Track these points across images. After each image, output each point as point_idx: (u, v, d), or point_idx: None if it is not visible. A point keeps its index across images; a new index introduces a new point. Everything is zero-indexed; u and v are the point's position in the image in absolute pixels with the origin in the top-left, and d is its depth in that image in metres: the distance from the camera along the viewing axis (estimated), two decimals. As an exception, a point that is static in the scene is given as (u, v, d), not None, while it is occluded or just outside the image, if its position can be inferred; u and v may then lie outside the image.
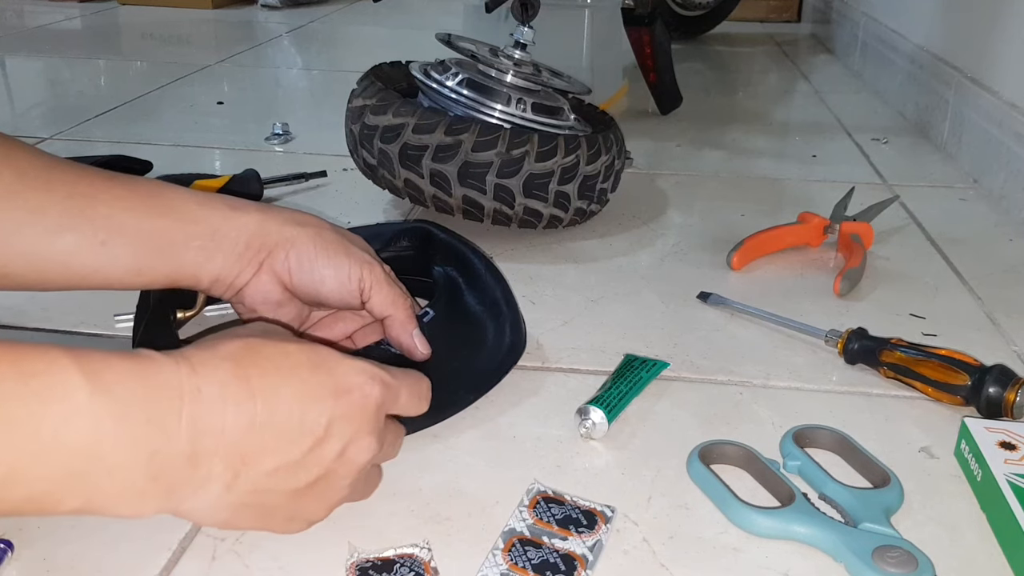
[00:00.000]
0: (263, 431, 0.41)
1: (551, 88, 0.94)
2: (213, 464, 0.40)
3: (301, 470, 0.43)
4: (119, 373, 0.37)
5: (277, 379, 0.42)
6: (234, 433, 0.40)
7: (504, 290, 0.69)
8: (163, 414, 0.38)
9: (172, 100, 1.43)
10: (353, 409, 0.44)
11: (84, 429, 0.36)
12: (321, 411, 0.42)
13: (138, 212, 0.52)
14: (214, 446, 0.39)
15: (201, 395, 0.39)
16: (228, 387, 0.40)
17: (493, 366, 0.63)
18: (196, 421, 0.39)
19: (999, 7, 1.13)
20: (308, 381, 0.43)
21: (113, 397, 0.37)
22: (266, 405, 0.41)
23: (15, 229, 0.49)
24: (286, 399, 0.42)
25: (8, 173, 0.49)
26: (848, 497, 0.51)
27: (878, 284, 0.82)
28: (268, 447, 0.41)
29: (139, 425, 0.37)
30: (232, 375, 0.41)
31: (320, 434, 0.42)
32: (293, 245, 0.56)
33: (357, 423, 0.44)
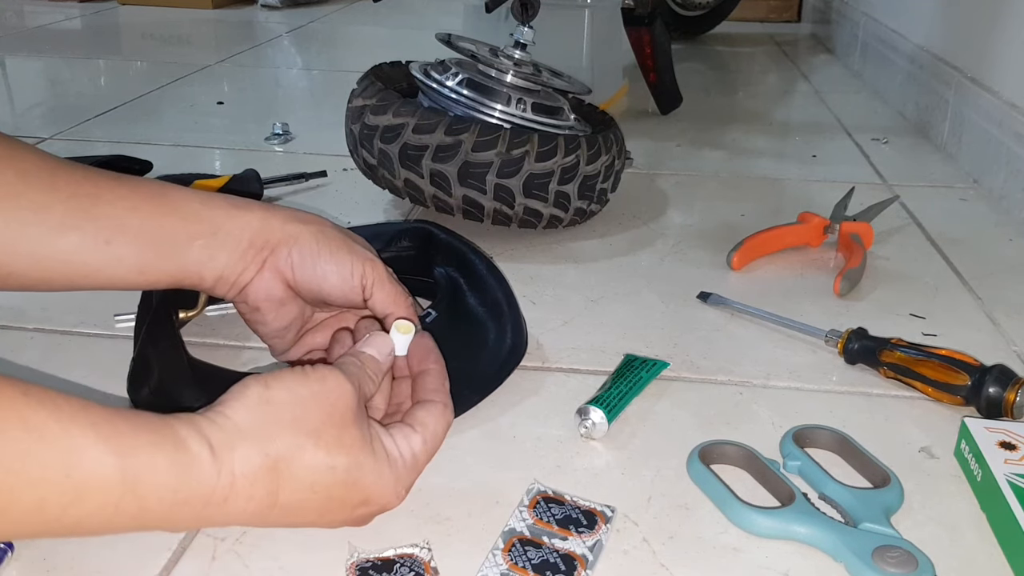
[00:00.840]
0: (288, 506, 0.43)
1: (551, 88, 0.94)
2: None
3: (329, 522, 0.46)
4: (156, 473, 0.39)
5: (303, 497, 0.43)
6: (263, 499, 0.42)
7: (505, 291, 0.69)
8: (188, 515, 0.40)
9: (172, 100, 1.43)
10: (371, 513, 0.47)
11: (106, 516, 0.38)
12: (337, 520, 0.46)
13: (141, 212, 0.53)
14: (240, 513, 0.42)
15: (227, 505, 0.41)
16: (253, 501, 0.42)
17: (495, 368, 0.63)
18: (211, 520, 0.41)
19: (999, 7, 1.13)
20: (333, 499, 0.44)
21: (145, 505, 0.39)
22: (284, 514, 0.43)
23: (19, 229, 0.49)
24: (307, 513, 0.44)
25: (11, 173, 0.49)
26: (848, 497, 0.51)
27: (878, 284, 0.82)
28: (291, 512, 0.44)
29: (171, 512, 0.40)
30: (265, 490, 0.42)
31: (341, 512, 0.45)
32: (296, 242, 0.57)
33: (383, 498, 0.46)
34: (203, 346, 0.69)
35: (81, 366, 0.65)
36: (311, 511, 0.44)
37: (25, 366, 0.65)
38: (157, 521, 0.40)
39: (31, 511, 0.36)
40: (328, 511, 0.45)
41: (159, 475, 0.39)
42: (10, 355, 0.66)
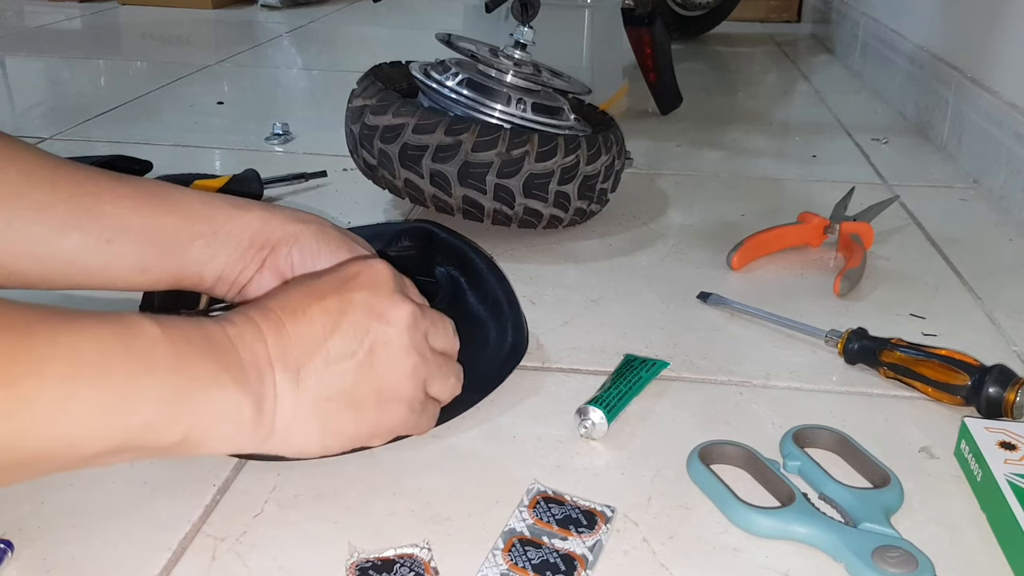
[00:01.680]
0: (295, 328, 0.44)
1: (551, 88, 0.94)
2: (274, 371, 0.43)
3: (349, 343, 0.45)
4: (174, 320, 0.42)
5: (284, 295, 0.46)
6: (273, 340, 0.44)
7: (506, 290, 0.69)
8: (218, 339, 0.42)
9: (172, 100, 1.43)
10: (365, 281, 0.47)
11: (168, 351, 0.39)
12: (337, 294, 0.46)
13: (143, 211, 0.53)
14: (266, 356, 0.43)
15: (233, 322, 0.44)
16: (248, 311, 0.45)
17: (495, 366, 0.63)
18: (241, 340, 0.43)
19: (999, 7, 1.13)
20: (313, 285, 0.47)
21: (179, 329, 0.41)
22: (285, 310, 0.45)
23: (22, 228, 0.49)
24: (300, 299, 0.46)
25: (14, 172, 0.49)
26: (848, 497, 0.51)
27: (878, 284, 0.82)
28: (307, 338, 0.44)
29: (206, 347, 0.41)
30: (246, 306, 0.46)
31: (348, 309, 0.46)
32: (296, 241, 0.57)
33: (376, 289, 0.47)
34: (203, 346, 0.68)
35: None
36: (301, 296, 0.46)
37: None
38: (208, 344, 0.42)
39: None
40: (315, 291, 0.46)
41: (173, 319, 0.41)
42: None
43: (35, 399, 0.35)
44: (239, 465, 0.54)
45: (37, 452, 0.36)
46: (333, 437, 0.47)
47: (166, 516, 0.50)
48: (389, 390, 0.47)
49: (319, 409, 0.44)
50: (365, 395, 0.46)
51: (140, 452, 0.40)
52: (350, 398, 0.45)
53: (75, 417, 0.36)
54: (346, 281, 0.47)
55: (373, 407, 0.47)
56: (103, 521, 0.49)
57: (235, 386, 0.41)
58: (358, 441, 0.48)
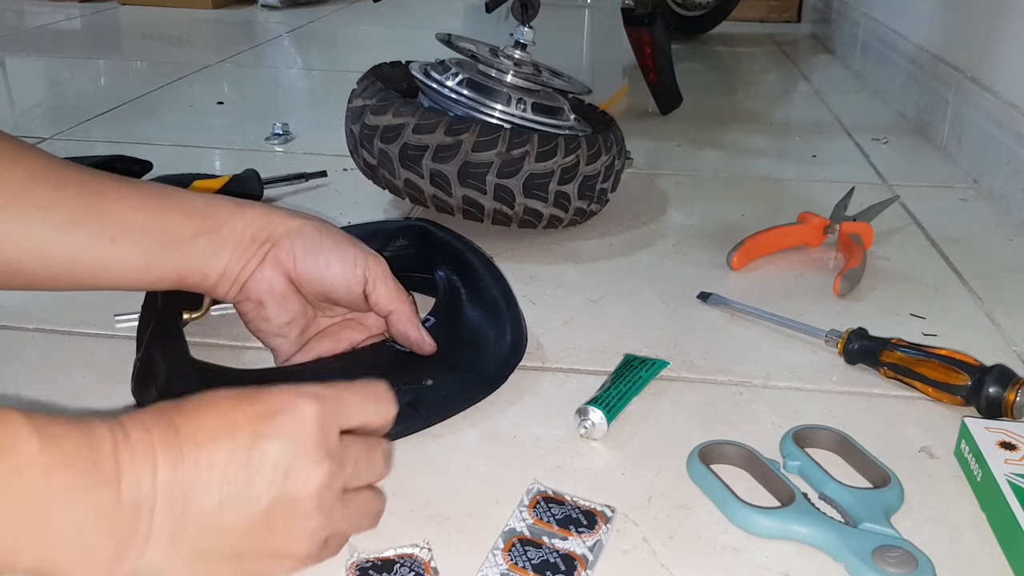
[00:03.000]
0: (195, 467, 0.38)
1: (551, 88, 0.94)
2: (153, 514, 0.37)
3: (247, 502, 0.39)
4: (64, 427, 0.36)
5: (198, 415, 0.40)
6: (165, 475, 0.38)
7: (503, 289, 0.69)
8: (103, 463, 0.37)
9: (172, 100, 1.43)
10: (284, 430, 0.40)
11: (36, 479, 0.35)
12: (249, 437, 0.40)
13: (147, 209, 0.53)
14: (150, 493, 0.37)
15: (130, 440, 0.38)
16: (153, 430, 0.38)
17: (496, 365, 0.63)
18: (129, 468, 0.37)
19: (999, 7, 1.13)
20: (231, 411, 0.40)
21: (61, 449, 0.36)
22: (191, 439, 0.39)
23: (27, 226, 0.50)
24: (209, 430, 0.39)
25: (20, 172, 0.50)
26: (848, 497, 0.51)
27: (878, 284, 0.82)
28: (203, 483, 0.38)
29: (85, 475, 0.36)
30: (155, 419, 0.39)
31: (256, 460, 0.39)
32: (299, 234, 0.57)
33: (294, 442, 0.40)
34: (204, 346, 0.69)
35: (81, 366, 0.65)
36: (213, 429, 0.39)
37: (25, 366, 0.65)
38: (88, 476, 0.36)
39: None
40: (229, 425, 0.40)
41: (62, 426, 0.36)
42: (10, 355, 0.66)
43: None
44: (239, 465, 0.54)
45: None
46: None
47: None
48: (280, 550, 0.41)
49: (193, 562, 0.39)
50: (250, 553, 0.41)
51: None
52: (231, 553, 0.40)
53: None
54: (265, 420, 0.40)
55: (257, 562, 0.41)
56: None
57: (97, 531, 0.36)
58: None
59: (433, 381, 0.60)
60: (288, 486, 0.40)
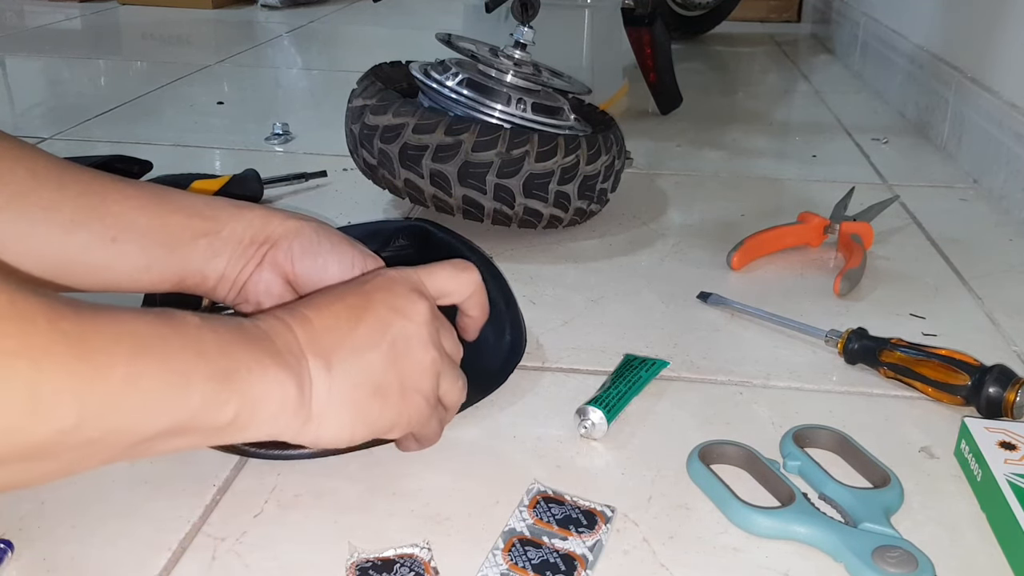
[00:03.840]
0: (323, 321, 0.46)
1: (551, 88, 0.94)
2: (306, 358, 0.44)
3: (373, 333, 0.47)
4: (208, 315, 0.43)
5: (306, 298, 0.49)
6: (303, 334, 0.45)
7: (502, 289, 0.69)
8: (253, 331, 0.43)
9: (172, 100, 1.43)
10: (382, 283, 0.50)
11: (213, 339, 0.41)
12: (357, 294, 0.48)
13: (148, 210, 0.53)
14: (296, 344, 0.44)
15: (262, 317, 0.45)
16: (275, 312, 0.46)
17: (496, 366, 0.63)
18: (273, 331, 0.44)
19: (999, 7, 1.13)
20: (335, 288, 0.50)
21: (217, 322, 0.42)
22: (311, 308, 0.47)
23: (29, 226, 0.50)
24: (323, 300, 0.48)
25: (22, 171, 0.50)
26: (848, 497, 0.51)
27: (878, 284, 0.82)
28: (334, 329, 0.46)
29: (244, 334, 0.43)
30: (271, 310, 0.47)
31: (370, 302, 0.48)
32: (297, 235, 0.57)
33: (393, 288, 0.49)
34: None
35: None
36: (325, 296, 0.48)
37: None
38: (245, 331, 0.43)
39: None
40: (335, 290, 0.49)
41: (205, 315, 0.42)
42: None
43: (109, 373, 0.36)
44: (239, 465, 0.54)
45: (110, 427, 0.37)
46: (362, 425, 0.47)
47: (166, 516, 0.50)
48: (410, 380, 0.48)
49: (349, 396, 0.46)
50: (389, 384, 0.47)
51: (195, 433, 0.40)
52: (376, 386, 0.47)
53: (144, 393, 0.37)
54: (364, 283, 0.50)
55: (396, 396, 0.48)
56: (103, 521, 0.49)
57: (276, 368, 0.42)
58: (381, 431, 0.49)
59: None
60: (400, 320, 0.48)
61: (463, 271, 0.55)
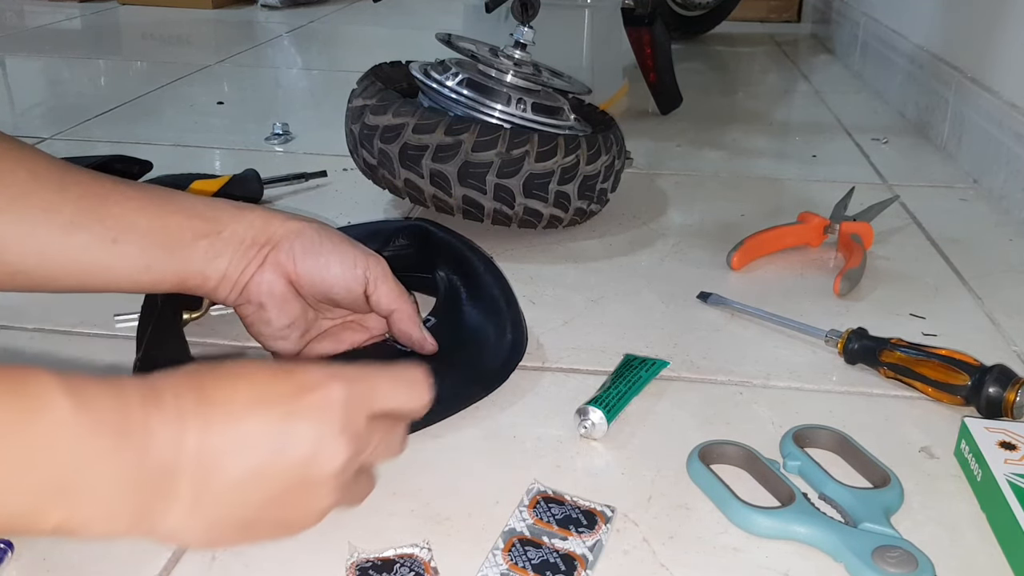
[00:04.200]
0: (223, 437, 0.39)
1: (551, 88, 0.94)
2: (179, 480, 0.38)
3: (270, 479, 0.40)
4: (97, 388, 0.37)
5: (232, 384, 0.40)
6: (194, 443, 0.38)
7: (503, 288, 0.69)
8: (133, 426, 0.37)
9: (172, 100, 1.43)
10: (314, 410, 0.40)
11: (67, 442, 0.35)
12: (279, 415, 0.40)
13: (148, 211, 0.53)
14: (176, 459, 0.38)
15: (161, 403, 0.38)
16: (185, 396, 0.39)
17: (497, 364, 0.64)
18: (159, 432, 0.37)
19: (999, 7, 1.13)
20: (265, 385, 0.41)
21: (93, 411, 0.36)
22: (222, 411, 0.39)
23: (30, 227, 0.50)
24: (242, 404, 0.39)
25: (23, 173, 0.50)
26: (848, 497, 0.51)
27: (878, 284, 0.82)
28: (229, 455, 0.39)
29: (115, 438, 0.36)
30: (188, 385, 0.39)
31: (284, 438, 0.40)
32: (298, 236, 0.58)
33: (322, 424, 0.41)
34: (204, 347, 0.69)
35: (81, 366, 0.65)
36: (245, 403, 0.40)
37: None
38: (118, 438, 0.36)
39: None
40: (262, 399, 0.40)
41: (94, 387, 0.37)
42: (10, 355, 0.66)
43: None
44: (239, 465, 0.54)
45: None
46: (217, 545, 0.45)
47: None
48: (290, 522, 0.43)
49: (208, 527, 0.40)
50: (262, 523, 0.41)
51: (16, 534, 0.37)
52: (246, 523, 0.41)
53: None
54: (297, 398, 0.40)
55: (267, 530, 0.42)
56: (103, 521, 0.49)
57: (122, 494, 0.37)
58: (245, 544, 0.45)
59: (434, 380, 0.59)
60: (311, 468, 0.40)
61: (417, 391, 0.46)
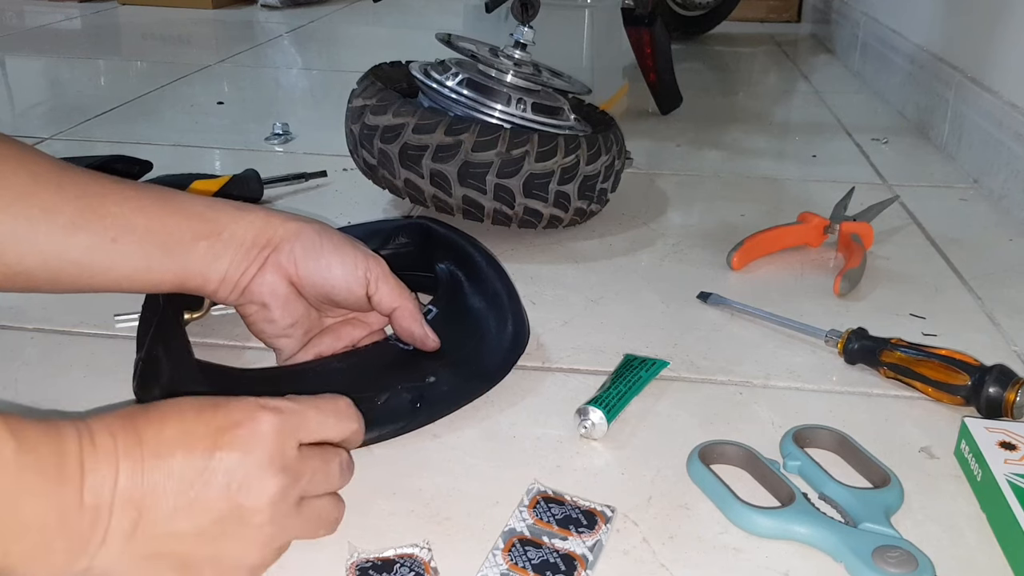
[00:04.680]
0: (153, 475, 0.40)
1: (551, 88, 0.94)
2: (111, 517, 0.38)
3: (200, 510, 0.40)
4: (36, 430, 0.38)
5: (160, 423, 0.41)
6: (126, 481, 0.39)
7: (504, 282, 0.69)
8: (69, 468, 0.38)
9: (172, 100, 1.43)
10: (241, 441, 0.41)
11: (8, 482, 0.36)
12: (207, 448, 0.41)
13: (148, 212, 0.53)
14: (110, 497, 0.38)
15: (95, 446, 0.39)
16: (118, 436, 0.40)
17: (498, 358, 0.64)
18: (92, 473, 0.38)
19: (999, 7, 1.13)
20: (193, 421, 0.41)
21: (33, 453, 0.37)
22: (152, 448, 0.40)
23: (31, 228, 0.50)
24: (170, 441, 0.40)
25: (23, 173, 0.50)
26: (848, 497, 0.51)
27: (878, 284, 0.82)
28: (159, 490, 0.40)
29: (52, 480, 0.37)
30: (121, 426, 0.40)
31: (211, 471, 0.41)
32: (299, 237, 0.58)
33: (248, 455, 0.41)
34: (204, 346, 0.69)
35: (81, 366, 0.65)
36: (173, 440, 0.41)
37: (25, 366, 0.65)
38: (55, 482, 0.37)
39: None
40: (189, 434, 0.41)
41: (35, 429, 0.38)
42: (10, 355, 0.66)
43: None
44: (239, 465, 0.54)
45: None
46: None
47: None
48: (230, 558, 0.42)
49: (143, 564, 0.40)
50: (200, 559, 0.41)
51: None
52: (182, 559, 0.41)
53: None
54: (224, 432, 0.41)
55: (208, 569, 0.42)
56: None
57: (56, 531, 0.37)
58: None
59: (435, 378, 0.60)
60: (241, 497, 0.41)
61: (345, 420, 0.48)
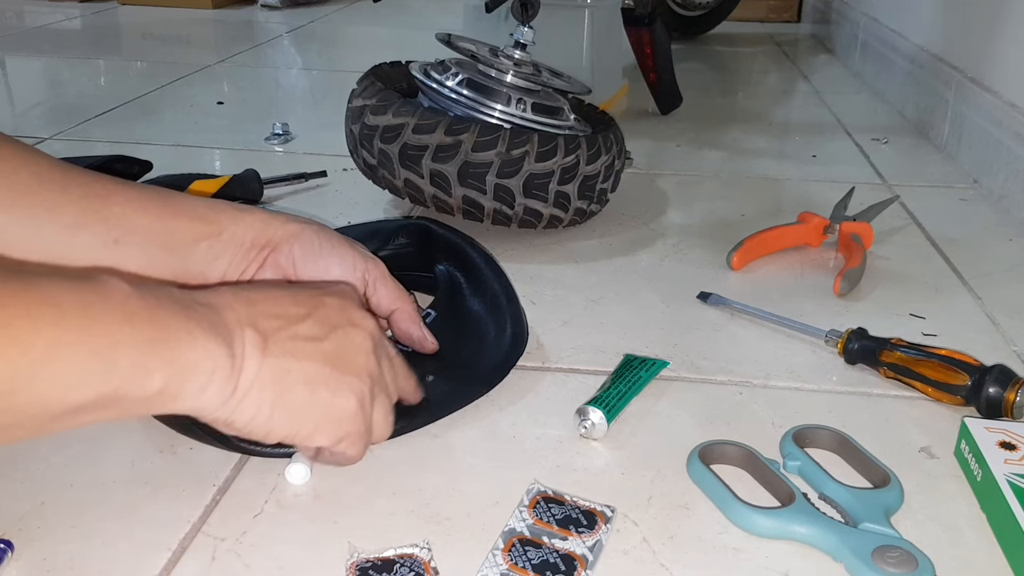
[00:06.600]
0: (265, 306, 0.46)
1: (551, 88, 0.94)
2: (243, 331, 0.44)
3: (318, 327, 0.47)
4: (142, 279, 0.43)
5: (258, 283, 0.50)
6: (244, 311, 0.44)
7: (504, 284, 0.69)
8: (186, 300, 0.42)
9: (172, 100, 1.43)
10: (336, 292, 0.51)
11: (141, 306, 0.39)
12: (309, 294, 0.49)
13: (149, 212, 0.54)
14: (235, 318, 0.44)
15: (203, 292, 0.45)
16: (219, 289, 0.46)
17: (497, 360, 0.64)
18: (210, 301, 0.44)
19: (999, 7, 1.13)
20: (287, 286, 0.50)
21: (148, 289, 0.41)
22: (260, 292, 0.47)
23: (34, 227, 0.50)
24: (272, 288, 0.48)
25: (26, 174, 0.50)
26: (848, 497, 0.51)
27: (878, 284, 0.82)
28: (277, 314, 0.46)
29: (181, 302, 0.42)
30: (228, 286, 0.47)
31: (317, 304, 0.48)
32: (298, 238, 0.58)
33: (346, 300, 0.50)
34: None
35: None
36: (275, 289, 0.48)
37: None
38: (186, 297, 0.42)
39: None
40: (288, 289, 0.49)
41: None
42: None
43: (31, 341, 0.35)
44: (239, 465, 0.54)
45: (29, 398, 0.35)
46: (283, 412, 0.45)
47: (166, 516, 0.50)
48: (345, 379, 0.47)
49: (278, 377, 0.44)
50: (322, 376, 0.46)
51: (122, 404, 0.39)
52: (308, 375, 0.46)
53: (66, 361, 0.36)
54: (319, 287, 0.50)
55: (326, 390, 0.47)
56: (103, 521, 0.49)
57: (207, 336, 0.41)
58: (305, 430, 0.47)
59: (434, 378, 0.60)
60: (348, 325, 0.49)
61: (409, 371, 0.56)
